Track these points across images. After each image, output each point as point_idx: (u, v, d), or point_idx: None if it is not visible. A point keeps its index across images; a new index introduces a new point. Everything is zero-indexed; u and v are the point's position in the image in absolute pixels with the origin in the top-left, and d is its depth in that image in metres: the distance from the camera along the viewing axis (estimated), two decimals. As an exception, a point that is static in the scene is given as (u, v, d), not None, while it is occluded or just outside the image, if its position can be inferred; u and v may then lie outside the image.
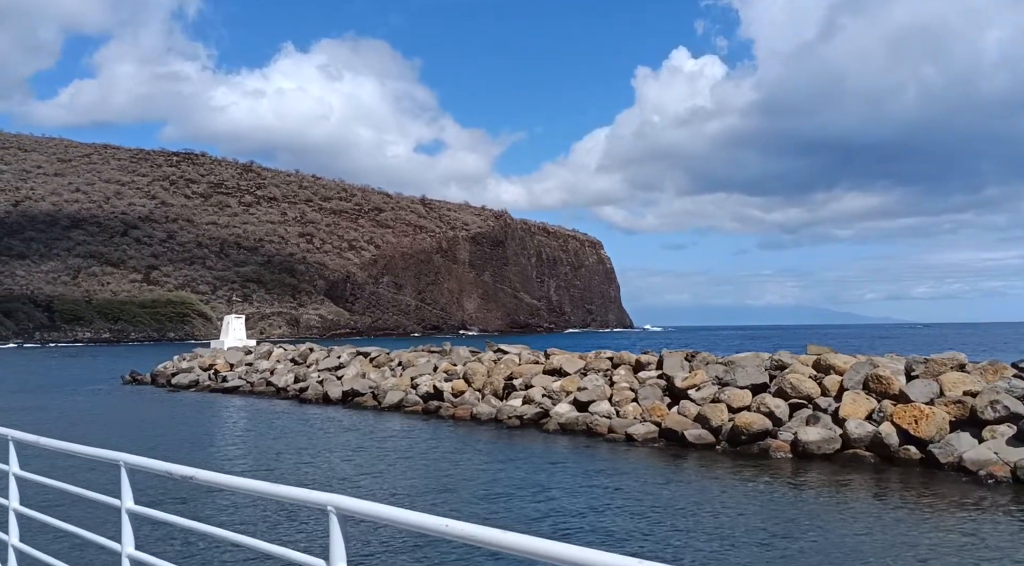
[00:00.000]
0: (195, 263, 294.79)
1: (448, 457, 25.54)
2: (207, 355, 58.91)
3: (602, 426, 27.85)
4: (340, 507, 3.15)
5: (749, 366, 27.07)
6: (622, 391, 29.68)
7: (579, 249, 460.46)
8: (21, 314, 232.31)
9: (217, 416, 40.67)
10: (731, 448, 24.45)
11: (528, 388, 33.56)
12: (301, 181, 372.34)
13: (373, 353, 45.84)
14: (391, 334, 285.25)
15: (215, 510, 17.12)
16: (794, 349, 37.72)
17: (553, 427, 29.11)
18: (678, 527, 16.30)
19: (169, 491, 17.64)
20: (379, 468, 23.84)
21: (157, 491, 17.17)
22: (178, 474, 4.15)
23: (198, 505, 17.42)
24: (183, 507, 16.76)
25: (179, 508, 16.16)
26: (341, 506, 3.15)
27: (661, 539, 15.40)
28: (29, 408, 43.52)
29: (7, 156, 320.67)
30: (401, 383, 39.76)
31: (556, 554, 2.46)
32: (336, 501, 3.16)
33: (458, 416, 33.83)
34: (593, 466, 23.48)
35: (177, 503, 16.99)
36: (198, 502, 17.68)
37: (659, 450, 25.41)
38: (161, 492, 17.40)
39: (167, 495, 17.41)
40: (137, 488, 4.75)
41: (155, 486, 16.89)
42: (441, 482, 21.44)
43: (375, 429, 33.11)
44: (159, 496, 16.99)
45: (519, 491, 19.88)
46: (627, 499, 19.03)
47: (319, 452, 26.99)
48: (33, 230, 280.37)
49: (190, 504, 17.36)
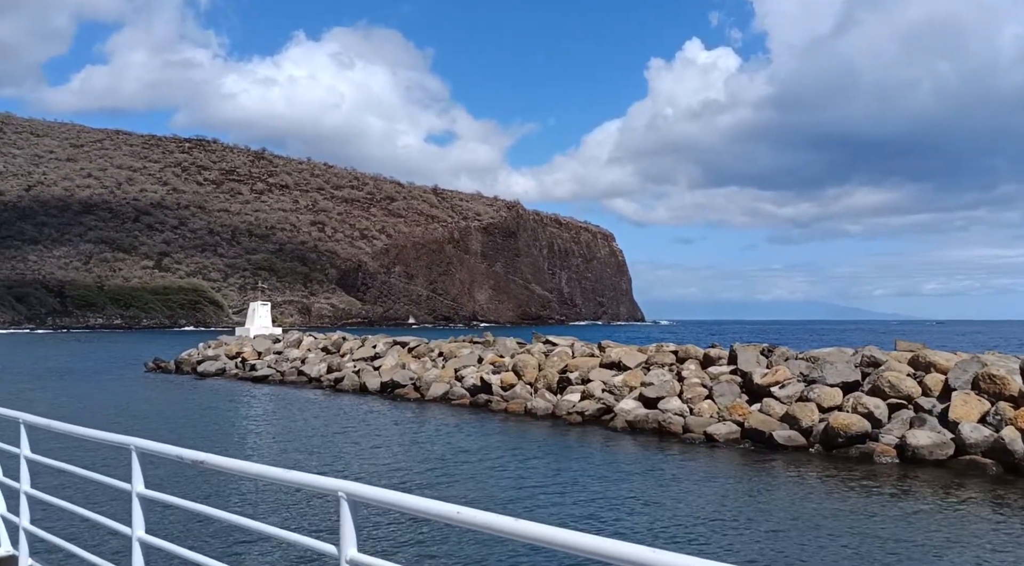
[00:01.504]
0: (207, 250, 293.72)
1: (510, 456, 23.72)
2: (233, 343, 57.30)
3: (675, 425, 26.00)
4: (351, 493, 3.14)
5: (838, 362, 25.18)
6: (693, 387, 27.83)
7: (591, 241, 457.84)
8: (33, 299, 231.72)
9: (250, 405, 39.02)
10: (825, 451, 22.60)
11: (586, 382, 31.74)
12: (313, 169, 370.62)
13: (412, 343, 44.09)
14: (402, 325, 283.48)
15: (226, 495, 16.84)
16: (806, 344, 35.92)
17: (620, 425, 27.28)
18: (785, 541, 14.47)
19: (180, 476, 17.26)
20: (437, 467, 22.02)
21: (168, 476, 16.71)
22: (189, 458, 4.07)
23: (209, 490, 17.09)
24: (194, 492, 16.34)
25: (190, 493, 15.67)
26: (352, 492, 3.14)
27: (768, 554, 13.58)
28: (56, 395, 41.95)
29: (20, 141, 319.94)
30: (444, 374, 38.00)
31: (569, 543, 2.45)
32: (347, 487, 3.15)
33: (511, 410, 32.05)
34: (673, 469, 21.64)
35: (188, 488, 16.60)
36: (209, 487, 17.33)
37: (745, 452, 23.56)
38: (172, 477, 16.95)
39: (178, 480, 16.99)
40: (148, 472, 4.66)
41: (166, 471, 16.54)
42: (508, 484, 19.61)
43: (422, 423, 31.35)
44: (170, 480, 16.46)
45: (598, 498, 18.00)
46: (720, 507, 17.18)
47: (367, 447, 25.22)
48: (45, 215, 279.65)
49: (201, 489, 16.98)
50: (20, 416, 5.84)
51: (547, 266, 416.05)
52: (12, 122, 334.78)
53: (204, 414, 35.24)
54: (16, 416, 5.88)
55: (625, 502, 17.61)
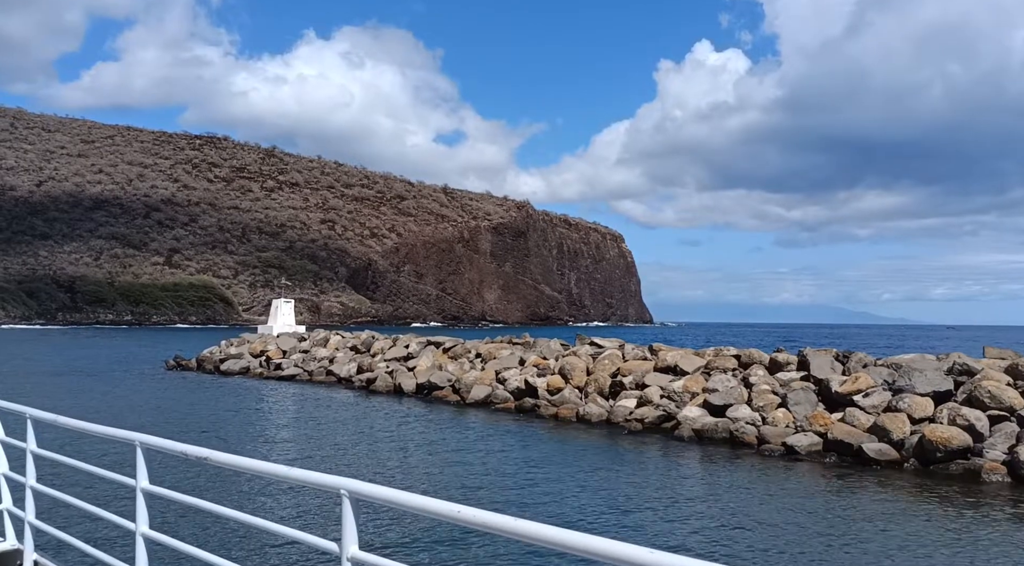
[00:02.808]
0: (216, 247, 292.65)
1: (571, 467, 22.09)
2: (256, 341, 55.80)
3: (749, 435, 24.34)
4: (353, 491, 3.18)
5: (927, 370, 23.47)
6: (763, 394, 26.14)
7: (600, 242, 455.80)
8: (44, 294, 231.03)
9: (280, 406, 37.47)
10: (922, 467, 20.90)
11: (642, 387, 30.10)
12: (323, 167, 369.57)
13: (447, 343, 42.49)
14: (406, 324, 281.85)
15: (230, 492, 16.82)
16: (815, 347, 34.14)
17: (687, 433, 25.61)
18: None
19: (185, 472, 17.32)
20: (488, 478, 20.43)
21: (173, 472, 16.75)
22: (193, 455, 4.13)
23: (213, 487, 17.08)
24: (199, 488, 16.31)
25: (194, 489, 15.83)
26: (354, 490, 3.17)
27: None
28: (80, 394, 40.48)
29: (31, 136, 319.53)
30: (485, 377, 36.39)
31: (568, 543, 2.47)
32: (349, 485, 3.20)
33: (562, 416, 30.40)
34: (757, 484, 19.97)
35: (192, 484, 16.61)
36: (214, 484, 17.33)
37: (831, 466, 21.85)
38: (177, 473, 16.99)
39: (183, 476, 17.03)
40: (153, 469, 4.72)
41: (171, 467, 16.43)
42: (577, 502, 17.94)
43: (465, 427, 29.74)
44: (175, 477, 16.48)
45: (680, 518, 16.40)
46: (820, 531, 15.56)
47: (413, 453, 23.62)
48: (56, 211, 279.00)
49: (206, 485, 16.96)
50: (26, 411, 5.79)
51: (556, 267, 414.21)
52: (24, 118, 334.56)
53: (234, 415, 33.70)
54: (22, 411, 5.83)
55: (715, 525, 15.95)
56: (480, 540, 13.36)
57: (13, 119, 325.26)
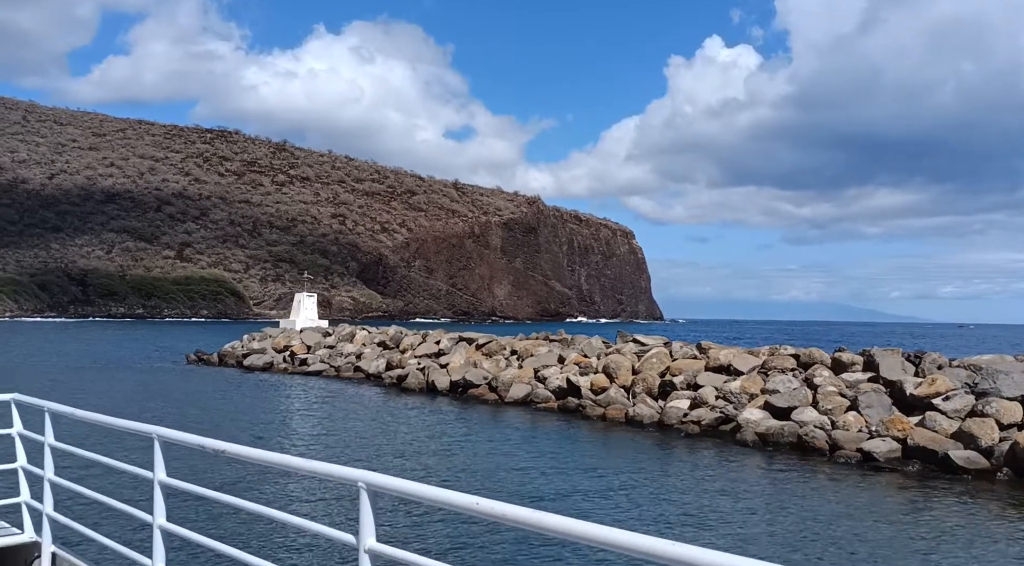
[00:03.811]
0: (228, 242, 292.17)
1: (631, 472, 20.85)
2: (279, 335, 54.68)
3: (820, 440, 23.00)
4: (370, 483, 3.17)
5: (1013, 373, 22.08)
6: (830, 396, 24.78)
7: (611, 238, 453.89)
8: (56, 287, 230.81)
9: (310, 403, 36.29)
10: (1016, 476, 19.54)
11: (694, 388, 28.77)
12: (334, 162, 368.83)
13: (481, 339, 41.22)
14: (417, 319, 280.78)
15: (247, 485, 16.72)
16: (831, 346, 32.98)
17: (749, 438, 24.27)
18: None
19: (201, 465, 17.24)
20: (542, 482, 19.16)
21: (190, 465, 16.47)
22: (210, 448, 4.14)
23: (231, 480, 16.99)
24: (215, 481, 16.13)
25: (211, 482, 15.52)
26: (371, 482, 3.17)
27: None
28: (102, 389, 39.41)
29: (43, 129, 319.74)
30: (523, 375, 35.14)
31: (586, 534, 2.45)
32: (366, 477, 3.20)
33: (610, 417, 29.12)
34: (836, 495, 18.67)
35: (209, 477, 16.53)
36: (231, 477, 17.29)
37: (914, 475, 20.47)
38: (194, 466, 16.84)
39: (199, 469, 16.95)
40: (170, 462, 4.70)
41: (188, 460, 16.04)
42: (642, 509, 16.77)
43: (508, 428, 28.49)
44: (192, 470, 16.21)
45: (757, 531, 15.12)
46: (920, 548, 14.31)
47: (460, 456, 22.35)
48: (68, 203, 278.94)
49: (223, 478, 16.89)
50: (44, 404, 5.80)
51: (566, 263, 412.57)
52: (36, 111, 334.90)
53: (261, 410, 32.55)
54: (40, 404, 5.85)
55: (795, 537, 14.67)
56: (498, 532, 13.31)
57: (25, 112, 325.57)
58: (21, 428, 6.24)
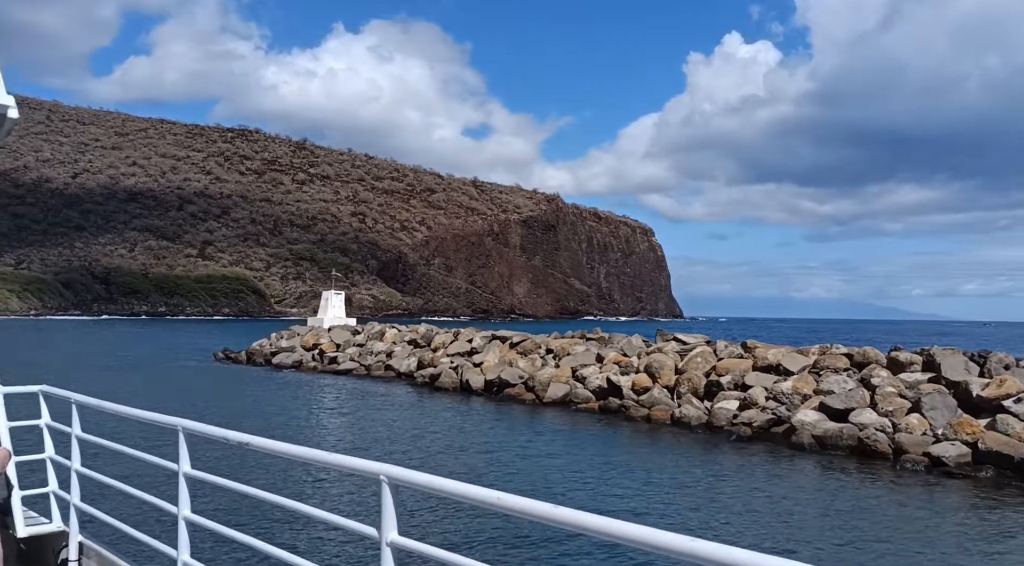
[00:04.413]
0: (249, 240, 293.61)
1: (686, 475, 19.99)
2: (307, 334, 54.20)
3: (882, 443, 21.99)
4: (392, 476, 3.18)
5: (1089, 374, 20.95)
6: (889, 398, 23.76)
7: (630, 236, 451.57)
8: (79, 285, 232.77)
9: (341, 401, 35.69)
10: (1100, 483, 18.48)
11: (743, 388, 27.81)
12: (354, 160, 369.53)
13: (515, 338, 40.45)
14: (442, 316, 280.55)
15: (270, 478, 16.78)
16: (853, 345, 31.86)
17: (806, 440, 23.29)
18: None
19: (226, 458, 17.33)
20: (592, 487, 18.31)
21: (214, 457, 16.66)
22: (234, 440, 4.17)
23: (254, 473, 17.02)
24: (239, 474, 15.87)
25: (235, 474, 15.00)
26: (393, 475, 3.18)
27: None
28: (134, 387, 39.01)
29: (66, 128, 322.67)
30: (561, 374, 34.31)
31: (607, 530, 2.44)
32: (388, 471, 3.21)
33: (655, 418, 28.22)
34: (907, 503, 17.71)
35: (233, 470, 16.49)
36: (254, 470, 17.35)
37: (987, 482, 19.42)
38: (218, 459, 16.97)
39: (224, 461, 17.03)
40: (194, 454, 4.75)
41: (212, 452, 16.37)
42: (699, 513, 15.90)
43: (547, 429, 27.68)
44: (216, 462, 16.27)
45: (823, 544, 14.21)
46: None
47: (506, 460, 21.53)
48: (91, 202, 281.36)
49: (247, 471, 16.94)
50: (71, 396, 5.83)
51: (586, 260, 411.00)
52: (59, 110, 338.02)
53: (293, 409, 31.95)
54: (68, 396, 5.88)
55: (869, 553, 13.73)
56: (519, 527, 13.24)
57: (49, 112, 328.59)
58: (49, 419, 6.27)
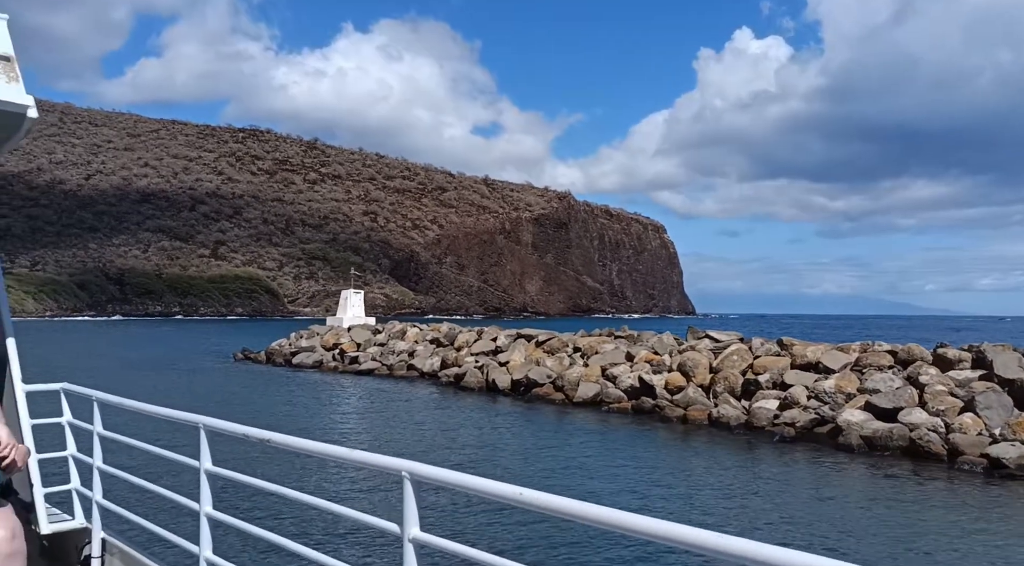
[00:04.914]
0: (261, 240, 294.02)
1: (734, 479, 19.26)
2: (327, 333, 53.71)
3: (936, 444, 21.19)
4: (414, 473, 3.19)
5: None
6: (939, 396, 22.95)
7: (642, 233, 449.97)
8: (94, 286, 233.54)
9: (364, 401, 35.13)
10: None
11: (782, 387, 27.05)
12: (365, 159, 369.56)
13: (541, 336, 39.75)
14: (453, 315, 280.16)
15: (292, 474, 16.69)
16: (865, 338, 31.05)
17: (854, 441, 22.51)
18: None
19: (247, 455, 17.35)
20: (638, 493, 17.65)
21: (235, 454, 16.54)
22: (255, 437, 4.19)
23: (276, 469, 16.96)
24: (260, 470, 16.08)
25: (256, 471, 15.56)
26: (415, 472, 3.19)
27: None
28: (153, 386, 38.57)
29: (79, 130, 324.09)
30: (590, 373, 33.61)
31: (631, 525, 2.43)
32: (410, 467, 3.22)
33: (691, 418, 27.49)
34: (970, 509, 16.96)
35: (254, 466, 16.52)
36: (276, 466, 17.30)
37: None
38: (239, 456, 16.88)
39: (245, 458, 16.99)
40: (216, 450, 4.74)
41: (234, 449, 16.08)
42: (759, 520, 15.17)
43: (580, 430, 27.04)
44: (237, 459, 16.17)
45: None
46: None
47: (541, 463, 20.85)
48: (104, 204, 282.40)
49: (268, 468, 16.90)
50: (93, 394, 5.88)
51: (598, 258, 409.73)
52: (72, 113, 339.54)
53: (316, 409, 31.42)
54: (89, 393, 5.93)
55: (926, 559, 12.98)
56: (541, 523, 13.27)
57: (61, 114, 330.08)
58: (70, 417, 6.32)
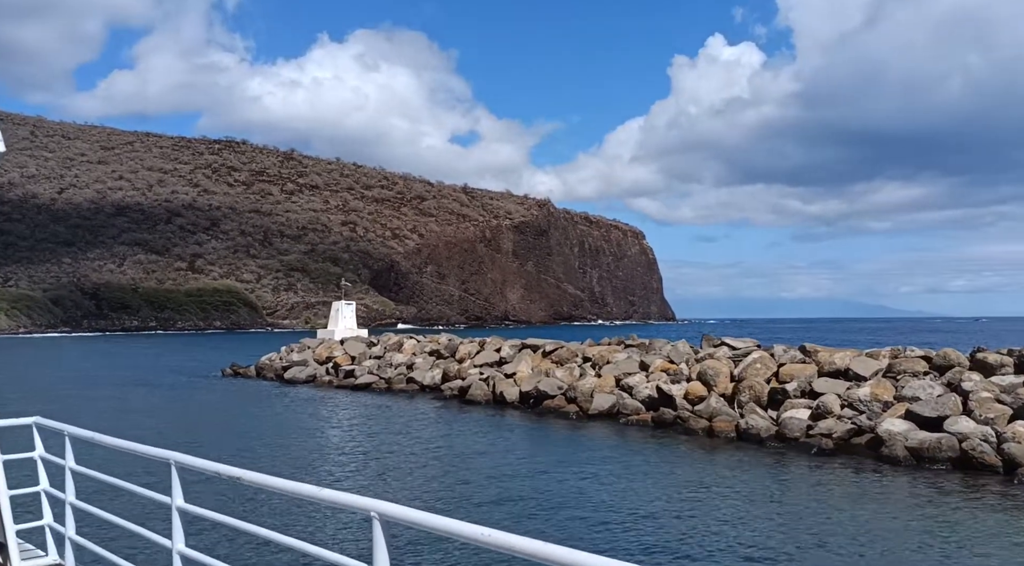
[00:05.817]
0: (239, 252, 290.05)
1: (778, 500, 18.02)
2: (319, 346, 51.96)
3: (988, 455, 20.09)
4: (384, 513, 3.22)
5: None
6: (986, 404, 21.89)
7: (621, 239, 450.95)
8: (69, 302, 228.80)
9: (367, 420, 33.38)
10: None
11: (811, 395, 25.89)
12: (342, 169, 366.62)
13: (548, 346, 38.37)
14: (435, 325, 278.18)
15: (264, 512, 16.52)
16: (845, 344, 30.17)
17: (900, 452, 21.37)
18: None
19: (222, 490, 17.23)
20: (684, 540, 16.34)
21: (210, 489, 16.62)
22: (226, 474, 4.24)
23: (248, 507, 16.80)
24: (233, 507, 16.21)
25: (229, 507, 15.73)
26: (385, 512, 3.22)
27: None
28: (143, 406, 36.67)
29: (51, 144, 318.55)
30: (604, 384, 32.30)
31: None
32: (380, 507, 3.24)
33: (717, 430, 26.23)
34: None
35: (226, 503, 16.52)
36: (247, 503, 17.09)
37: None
38: (214, 491, 16.91)
39: (219, 494, 16.97)
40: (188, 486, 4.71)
41: (208, 484, 16.22)
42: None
43: (599, 445, 25.65)
44: (212, 495, 16.45)
45: None
46: None
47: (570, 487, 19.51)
48: (78, 217, 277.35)
49: (240, 505, 16.77)
50: (65, 428, 5.83)
51: (578, 265, 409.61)
52: (44, 126, 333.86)
53: (315, 429, 29.72)
54: (60, 428, 5.87)
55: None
56: (510, 564, 12.40)
57: (33, 127, 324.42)
58: (43, 451, 6.21)
